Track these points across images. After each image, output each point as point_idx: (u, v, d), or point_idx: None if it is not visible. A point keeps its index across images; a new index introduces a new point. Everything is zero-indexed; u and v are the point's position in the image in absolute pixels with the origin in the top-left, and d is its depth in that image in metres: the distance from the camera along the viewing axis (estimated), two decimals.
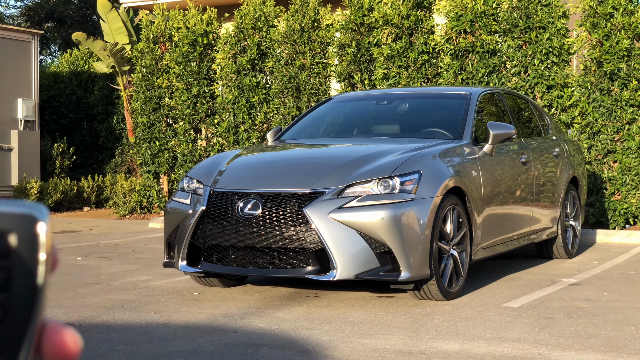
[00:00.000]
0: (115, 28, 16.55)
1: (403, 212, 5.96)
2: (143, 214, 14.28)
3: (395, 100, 8.12)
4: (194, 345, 4.94)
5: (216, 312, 5.90)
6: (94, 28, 26.67)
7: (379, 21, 11.93)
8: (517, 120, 8.41)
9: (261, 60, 13.15)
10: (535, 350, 4.80)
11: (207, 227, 6.25)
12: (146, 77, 14.05)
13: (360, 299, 6.35)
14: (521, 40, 11.30)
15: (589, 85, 10.93)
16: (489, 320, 5.61)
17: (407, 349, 4.82)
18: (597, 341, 5.03)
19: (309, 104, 12.51)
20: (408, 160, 6.29)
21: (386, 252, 5.91)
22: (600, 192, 11.00)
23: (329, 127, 8.10)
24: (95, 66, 17.32)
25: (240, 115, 13.11)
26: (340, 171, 6.22)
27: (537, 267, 8.23)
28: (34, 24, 27.50)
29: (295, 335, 5.19)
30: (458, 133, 7.20)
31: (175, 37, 13.68)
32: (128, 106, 16.19)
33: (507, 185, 7.42)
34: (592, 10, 10.92)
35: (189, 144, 13.73)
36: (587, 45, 11.08)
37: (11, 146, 15.21)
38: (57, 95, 18.16)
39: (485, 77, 11.41)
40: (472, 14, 11.40)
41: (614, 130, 10.86)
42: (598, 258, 8.90)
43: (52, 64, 24.71)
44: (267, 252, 6.04)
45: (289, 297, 6.47)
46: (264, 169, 6.72)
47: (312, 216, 5.91)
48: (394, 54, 11.81)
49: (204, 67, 13.59)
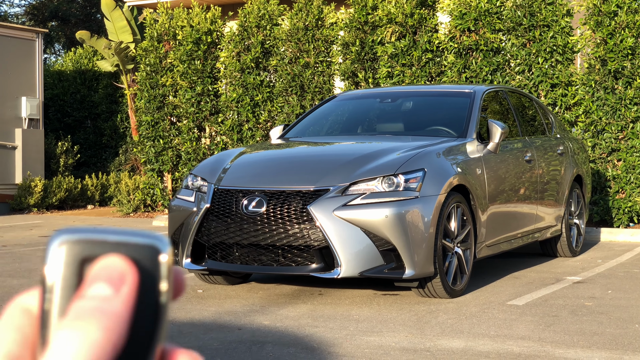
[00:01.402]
0: (120, 26, 16.56)
1: (407, 209, 5.96)
2: (147, 212, 14.29)
3: (399, 98, 8.12)
4: (198, 342, 4.94)
5: (220, 310, 5.90)
6: (98, 26, 26.71)
7: (383, 19, 11.93)
8: (521, 118, 8.41)
9: (265, 58, 13.15)
10: (540, 348, 4.80)
11: (211, 224, 6.25)
12: (150, 76, 14.06)
13: (365, 297, 6.36)
14: (525, 39, 11.30)
15: (593, 84, 10.92)
16: (494, 318, 5.61)
17: (412, 347, 4.82)
18: (601, 339, 5.03)
19: (313, 103, 12.51)
20: (412, 158, 6.29)
21: (390, 249, 5.91)
22: (605, 190, 10.99)
23: (332, 125, 8.10)
24: (99, 65, 17.34)
25: (244, 114, 13.12)
26: (344, 169, 6.22)
27: (541, 265, 8.23)
28: (38, 22, 27.53)
29: (299, 332, 5.20)
30: (462, 131, 7.20)
31: (179, 35, 13.69)
32: (132, 104, 16.21)
33: (511, 183, 7.42)
34: (596, 8, 10.91)
35: (193, 143, 13.74)
36: (591, 43, 11.07)
37: (15, 144, 15.23)
38: (61, 93, 18.18)
39: (489, 75, 11.41)
40: (476, 12, 11.40)
41: (618, 129, 10.84)
42: (602, 256, 8.89)
43: (57, 62, 24.74)
44: (272, 250, 6.04)
45: (293, 295, 6.47)
46: (268, 167, 6.71)
47: (317, 214, 5.91)
48: (398, 53, 11.81)
49: (208, 66, 13.60)
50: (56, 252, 0.54)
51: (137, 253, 0.54)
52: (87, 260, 0.54)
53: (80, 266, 0.54)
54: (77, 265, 0.54)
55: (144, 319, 0.54)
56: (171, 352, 0.56)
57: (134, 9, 17.37)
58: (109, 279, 0.53)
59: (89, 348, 0.49)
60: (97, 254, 0.54)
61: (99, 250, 0.54)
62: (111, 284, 0.52)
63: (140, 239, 0.55)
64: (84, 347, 0.49)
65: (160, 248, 0.55)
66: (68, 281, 0.54)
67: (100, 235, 0.54)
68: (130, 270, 0.53)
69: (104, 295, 0.52)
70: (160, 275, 0.55)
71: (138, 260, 0.54)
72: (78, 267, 0.54)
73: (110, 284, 0.52)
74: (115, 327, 0.51)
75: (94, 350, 0.50)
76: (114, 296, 0.52)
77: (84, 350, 0.49)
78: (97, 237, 0.54)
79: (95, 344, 0.50)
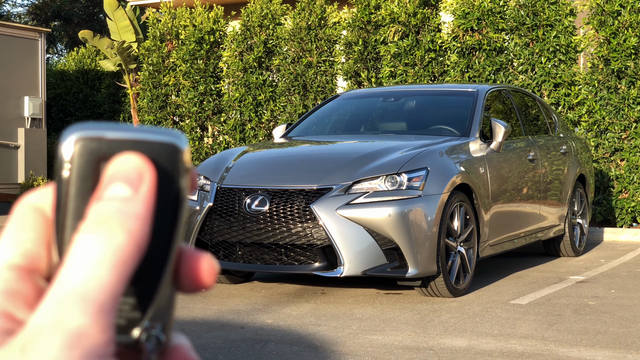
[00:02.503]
0: (122, 26, 16.57)
1: (410, 208, 5.95)
2: None
3: (402, 98, 8.11)
4: (201, 340, 4.94)
5: (223, 309, 5.90)
6: (101, 26, 26.72)
7: (386, 19, 11.92)
8: (524, 117, 8.40)
9: (268, 58, 13.15)
10: (543, 347, 4.79)
11: (214, 223, 6.25)
12: (153, 75, 14.07)
13: (368, 296, 6.35)
14: (528, 38, 11.29)
15: (596, 83, 10.90)
16: (497, 317, 5.61)
17: (415, 345, 4.82)
18: (604, 338, 5.02)
19: (316, 102, 12.50)
20: (415, 156, 6.28)
21: (393, 248, 5.90)
22: (608, 190, 10.98)
23: (335, 124, 8.09)
24: (102, 64, 17.34)
25: (247, 113, 13.12)
26: (347, 167, 6.22)
27: (544, 264, 8.22)
28: (40, 22, 27.55)
29: (302, 331, 5.19)
30: (465, 130, 7.19)
31: (182, 35, 13.69)
32: (135, 104, 16.21)
33: (515, 182, 7.41)
34: (599, 8, 10.90)
35: (196, 142, 13.74)
36: (594, 43, 11.06)
37: (18, 144, 15.24)
38: (63, 93, 18.18)
39: (492, 75, 11.40)
40: (479, 12, 11.39)
41: (621, 129, 10.83)
42: (605, 256, 8.88)
43: (59, 62, 24.76)
44: (275, 249, 6.04)
45: (296, 294, 6.47)
46: (271, 166, 6.71)
47: (320, 212, 5.91)
48: (401, 52, 11.80)
49: (211, 65, 13.60)
50: (71, 150, 0.52)
51: (156, 151, 0.52)
52: (104, 159, 0.52)
53: (96, 165, 0.52)
54: (93, 164, 0.52)
55: (164, 219, 0.52)
56: (188, 252, 0.55)
57: (137, 8, 17.38)
58: (126, 178, 0.50)
59: (114, 252, 0.48)
60: (114, 152, 0.52)
61: (116, 148, 0.52)
62: (129, 183, 0.50)
63: (158, 137, 0.52)
64: (109, 252, 0.48)
65: (179, 145, 0.53)
66: (84, 181, 0.51)
67: (118, 132, 0.52)
68: (148, 169, 0.51)
69: (123, 196, 0.50)
70: (179, 173, 0.53)
71: (156, 159, 0.52)
72: (94, 165, 0.52)
73: (129, 183, 0.50)
74: (138, 229, 0.49)
75: (119, 254, 0.48)
76: (133, 197, 0.50)
77: (109, 255, 0.48)
78: (114, 135, 0.52)
79: (120, 247, 0.48)
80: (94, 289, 0.47)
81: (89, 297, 0.47)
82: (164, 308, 0.53)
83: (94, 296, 0.47)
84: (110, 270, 0.48)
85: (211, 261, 0.55)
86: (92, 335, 0.46)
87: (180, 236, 0.53)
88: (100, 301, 0.47)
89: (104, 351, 0.47)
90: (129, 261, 0.49)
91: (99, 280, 0.47)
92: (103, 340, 0.47)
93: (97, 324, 0.47)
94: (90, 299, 0.47)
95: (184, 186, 0.53)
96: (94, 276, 0.48)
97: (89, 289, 0.47)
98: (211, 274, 0.55)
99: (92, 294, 0.47)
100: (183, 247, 0.54)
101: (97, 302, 0.47)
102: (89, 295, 0.47)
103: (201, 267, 0.55)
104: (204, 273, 0.55)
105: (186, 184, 0.53)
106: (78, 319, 0.46)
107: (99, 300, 0.47)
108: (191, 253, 0.55)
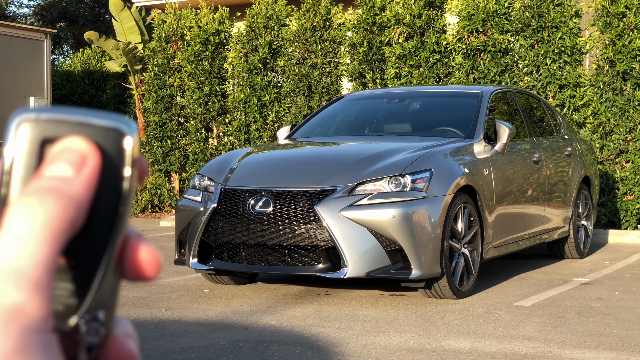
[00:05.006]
0: (128, 27, 16.59)
1: (414, 210, 5.95)
2: (154, 213, 14.31)
3: (407, 99, 8.11)
4: (205, 341, 4.94)
5: (227, 310, 5.90)
6: (106, 27, 26.76)
7: (391, 20, 11.92)
8: (529, 119, 8.39)
9: (273, 59, 13.15)
10: (547, 349, 4.79)
11: (218, 224, 6.25)
12: (158, 76, 14.09)
13: (371, 297, 6.35)
14: (533, 40, 11.28)
15: (602, 85, 10.89)
16: (500, 319, 5.60)
17: (418, 347, 4.82)
18: (608, 340, 5.02)
19: (320, 103, 12.51)
20: (419, 158, 6.28)
21: (397, 250, 5.91)
22: (613, 192, 10.96)
23: (340, 125, 8.10)
24: (107, 65, 17.37)
25: (252, 114, 13.13)
26: (351, 169, 6.22)
27: (548, 266, 8.21)
28: (46, 23, 27.60)
29: (306, 332, 5.19)
30: (470, 132, 7.19)
31: (187, 36, 13.70)
32: (140, 105, 16.23)
33: (519, 184, 7.40)
34: (604, 9, 10.88)
35: (200, 143, 13.76)
36: (599, 44, 11.04)
37: None
38: (69, 94, 18.23)
39: (497, 76, 11.39)
40: (484, 13, 11.38)
41: (627, 130, 10.81)
42: (610, 258, 8.87)
43: (65, 63, 24.80)
44: (278, 250, 6.04)
45: (299, 295, 6.47)
46: (275, 167, 6.71)
47: (323, 214, 5.91)
48: (406, 53, 11.80)
49: (216, 66, 13.62)
50: (15, 131, 0.52)
51: (101, 135, 0.52)
52: (48, 141, 0.52)
53: (40, 147, 0.52)
54: (37, 146, 0.51)
55: (106, 204, 0.52)
56: (133, 241, 0.54)
57: (142, 9, 17.40)
58: (69, 160, 0.51)
59: (44, 224, 0.48)
60: (59, 135, 0.52)
61: (61, 130, 0.52)
62: (72, 165, 0.50)
63: (105, 121, 0.52)
64: (39, 223, 0.48)
65: (125, 131, 0.52)
66: (27, 162, 0.51)
67: (63, 115, 0.52)
68: (92, 152, 0.51)
69: (63, 176, 0.50)
70: (125, 160, 0.52)
71: (102, 144, 0.52)
72: (38, 147, 0.51)
73: (71, 165, 0.50)
74: (73, 207, 0.49)
75: (49, 227, 0.48)
76: (74, 177, 0.50)
77: (38, 226, 0.48)
78: (59, 117, 0.52)
79: (51, 220, 0.48)
80: (27, 265, 0.47)
81: (22, 273, 0.47)
82: (107, 296, 0.52)
83: (27, 272, 0.47)
84: (42, 244, 0.48)
85: (152, 251, 0.55)
86: (29, 311, 0.47)
87: (125, 223, 0.53)
88: (35, 276, 0.47)
89: (42, 326, 0.47)
90: (61, 235, 0.49)
91: (31, 255, 0.47)
92: (41, 315, 0.47)
93: (33, 299, 0.47)
94: (24, 275, 0.47)
95: (129, 173, 0.53)
96: (26, 251, 0.48)
97: (22, 264, 0.47)
98: (152, 264, 0.54)
99: (25, 269, 0.47)
100: (130, 235, 0.54)
101: (32, 277, 0.47)
102: (23, 271, 0.47)
103: (140, 256, 0.54)
104: (144, 263, 0.54)
105: (133, 172, 0.53)
106: (12, 295, 0.47)
107: (33, 276, 0.47)
108: (135, 242, 0.54)
